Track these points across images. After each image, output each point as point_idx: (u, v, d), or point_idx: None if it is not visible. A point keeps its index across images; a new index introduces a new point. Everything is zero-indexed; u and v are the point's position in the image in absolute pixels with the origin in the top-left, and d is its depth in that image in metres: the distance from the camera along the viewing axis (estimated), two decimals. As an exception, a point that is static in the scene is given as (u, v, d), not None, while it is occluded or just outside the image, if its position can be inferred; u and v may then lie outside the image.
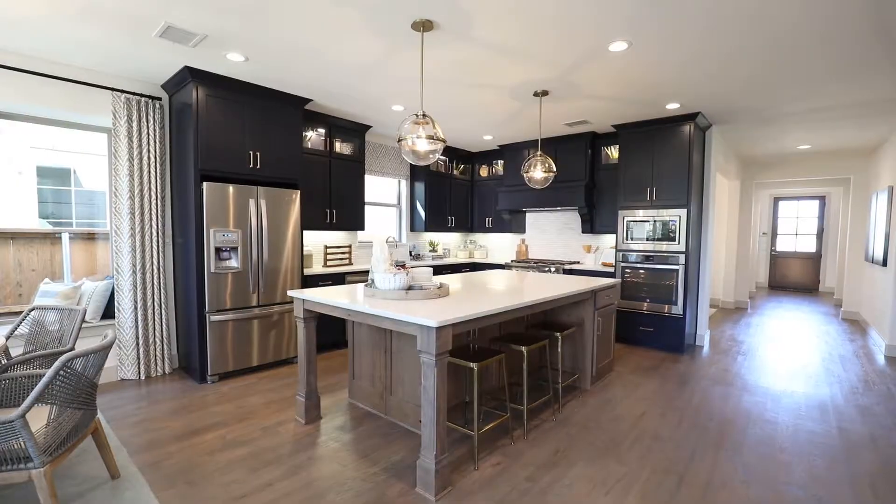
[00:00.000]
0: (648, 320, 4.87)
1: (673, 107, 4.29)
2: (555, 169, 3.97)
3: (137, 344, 3.66)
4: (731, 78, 3.48)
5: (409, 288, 2.69)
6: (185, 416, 3.01)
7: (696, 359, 4.56)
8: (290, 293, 2.92)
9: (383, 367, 3.05)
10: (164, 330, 3.79)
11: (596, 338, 3.66)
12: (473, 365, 2.43)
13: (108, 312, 3.72)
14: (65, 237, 3.89)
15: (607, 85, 3.72)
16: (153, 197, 3.70)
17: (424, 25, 2.67)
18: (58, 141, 4.29)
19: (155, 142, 3.69)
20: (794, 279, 10.23)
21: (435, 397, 2.10)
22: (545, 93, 3.92)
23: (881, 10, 2.40)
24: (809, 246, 10.11)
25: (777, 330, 6.04)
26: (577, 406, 3.29)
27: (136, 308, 3.64)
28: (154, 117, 3.68)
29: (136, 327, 3.65)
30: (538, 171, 3.92)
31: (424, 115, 2.65)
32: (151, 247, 3.71)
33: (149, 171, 3.67)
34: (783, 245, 10.45)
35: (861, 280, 6.65)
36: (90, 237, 4.03)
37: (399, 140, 2.67)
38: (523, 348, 2.80)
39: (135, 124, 3.58)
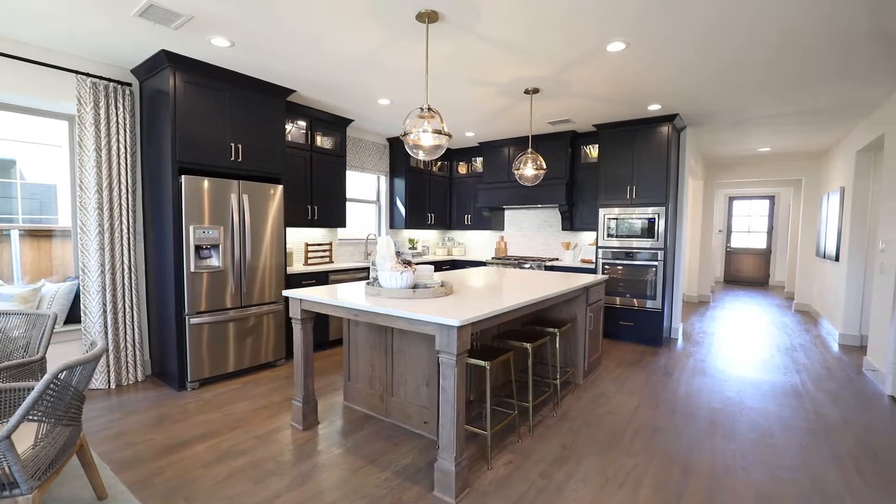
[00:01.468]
0: (628, 315, 5.01)
1: (654, 108, 4.43)
2: (545, 166, 4.00)
3: (107, 350, 3.37)
4: (725, 82, 3.62)
5: (415, 286, 2.62)
6: (169, 427, 2.79)
7: (674, 351, 4.75)
8: (285, 293, 2.77)
9: (383, 368, 2.95)
10: (136, 334, 3.51)
11: (588, 333, 3.72)
12: (486, 364, 2.40)
13: (73, 316, 3.40)
14: (13, 234, 3.53)
15: (598, 84, 3.78)
16: (123, 191, 3.41)
17: (430, 17, 2.59)
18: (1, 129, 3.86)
19: (125, 131, 3.39)
20: (747, 274, 10.91)
21: (454, 398, 2.05)
22: (536, 90, 3.93)
23: (880, 11, 2.52)
24: (760, 243, 10.81)
25: (740, 321, 6.40)
26: (573, 401, 3.34)
27: (104, 311, 3.34)
28: (124, 104, 3.38)
29: (106, 332, 3.35)
30: (529, 169, 3.94)
31: (430, 109, 2.58)
32: (122, 244, 3.42)
33: (118, 163, 3.38)
34: (737, 242, 11.12)
35: (812, 274, 7.16)
36: (44, 234, 3.66)
37: (404, 134, 2.59)
38: (528, 345, 2.79)
39: (102, 111, 3.28)
